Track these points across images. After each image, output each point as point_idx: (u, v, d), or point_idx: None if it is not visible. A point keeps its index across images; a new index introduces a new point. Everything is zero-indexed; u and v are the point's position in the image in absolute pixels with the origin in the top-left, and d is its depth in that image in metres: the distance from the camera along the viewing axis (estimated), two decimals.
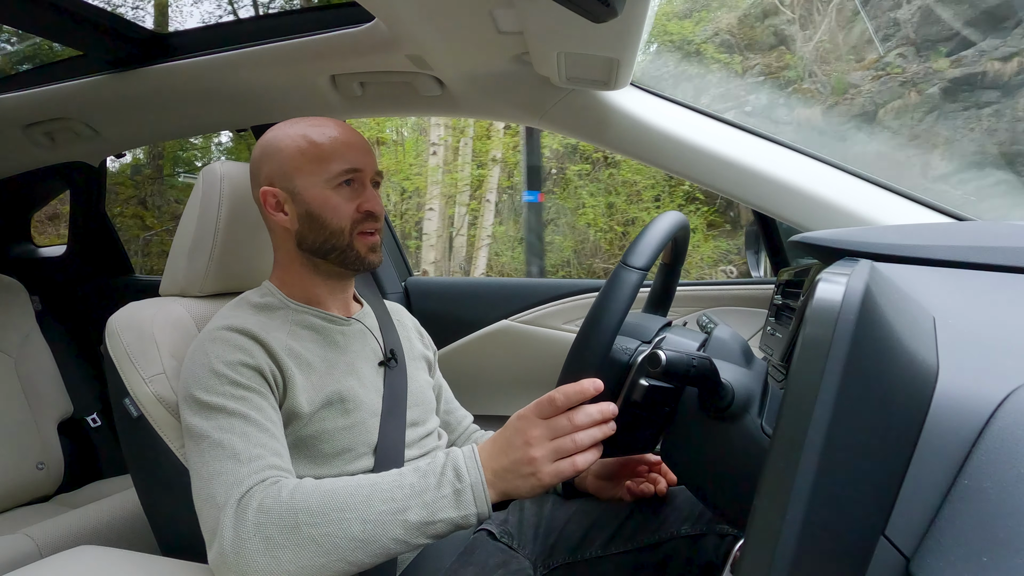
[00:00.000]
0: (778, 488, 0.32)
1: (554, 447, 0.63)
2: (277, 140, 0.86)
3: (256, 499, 0.65)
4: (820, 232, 0.69)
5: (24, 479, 1.48)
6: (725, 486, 0.62)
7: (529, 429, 0.64)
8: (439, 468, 0.66)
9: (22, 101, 1.39)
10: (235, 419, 0.71)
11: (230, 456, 0.68)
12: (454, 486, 0.65)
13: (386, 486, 0.65)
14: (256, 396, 0.74)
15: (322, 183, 0.83)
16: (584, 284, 1.46)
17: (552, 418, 0.64)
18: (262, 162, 0.86)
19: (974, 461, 0.34)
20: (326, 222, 0.83)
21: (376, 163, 0.88)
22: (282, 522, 0.63)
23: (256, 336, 0.77)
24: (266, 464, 0.69)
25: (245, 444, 0.69)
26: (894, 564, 0.34)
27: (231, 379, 0.73)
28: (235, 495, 0.66)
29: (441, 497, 0.64)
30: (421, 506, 0.64)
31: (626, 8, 0.72)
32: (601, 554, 0.88)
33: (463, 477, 0.65)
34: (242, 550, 0.62)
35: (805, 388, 0.33)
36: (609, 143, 1.15)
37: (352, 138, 0.86)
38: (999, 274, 0.55)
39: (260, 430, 0.72)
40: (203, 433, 0.71)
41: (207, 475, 0.69)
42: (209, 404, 0.72)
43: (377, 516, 0.64)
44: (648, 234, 0.67)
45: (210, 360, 0.75)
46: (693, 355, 0.55)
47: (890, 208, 1.00)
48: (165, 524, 0.85)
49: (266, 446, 0.71)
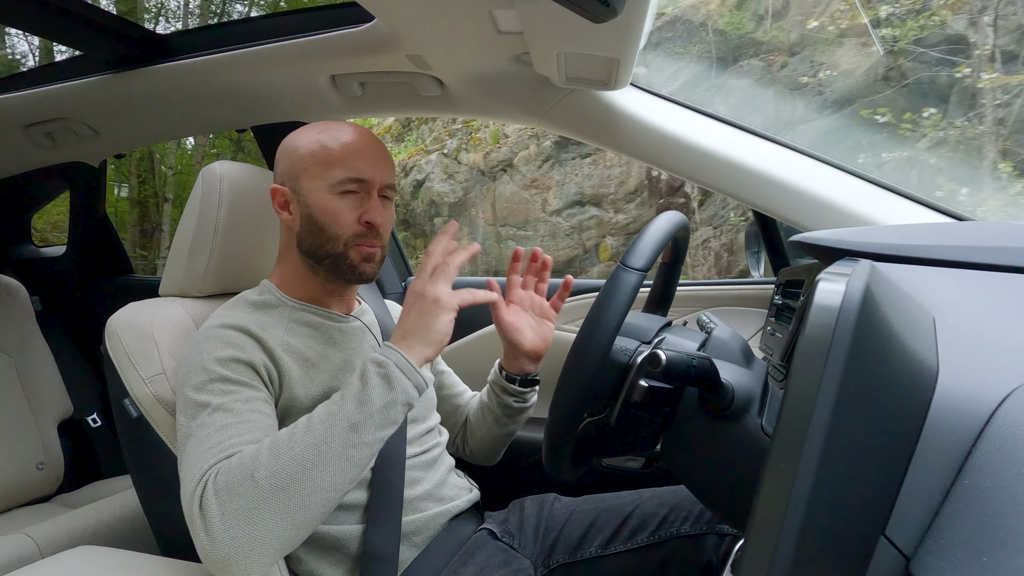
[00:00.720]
0: (778, 488, 0.32)
1: (436, 275, 0.73)
2: (296, 140, 0.86)
3: (211, 479, 0.63)
4: (820, 232, 0.69)
5: (24, 479, 1.48)
6: (725, 486, 0.62)
7: (413, 286, 0.74)
8: (359, 371, 0.70)
9: (22, 101, 1.39)
10: (218, 413, 0.70)
11: (214, 446, 0.67)
12: (379, 373, 0.68)
13: (321, 412, 0.67)
14: (245, 389, 0.73)
15: (325, 188, 0.82)
16: (584, 284, 1.46)
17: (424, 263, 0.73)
18: (280, 159, 0.87)
19: (974, 461, 0.34)
20: (324, 228, 0.82)
21: (388, 175, 0.85)
22: (241, 489, 0.61)
23: (251, 332, 0.77)
24: (230, 444, 0.67)
25: (220, 435, 0.68)
26: (894, 564, 0.34)
27: (220, 375, 0.73)
28: (193, 482, 0.64)
29: (371, 388, 0.67)
30: (358, 405, 0.66)
31: (626, 8, 0.72)
32: (601, 554, 0.88)
33: (383, 363, 0.69)
34: (214, 535, 0.60)
35: (805, 388, 0.33)
36: (609, 143, 1.15)
37: (365, 147, 0.83)
38: (999, 274, 0.55)
39: (242, 421, 0.70)
40: (189, 432, 0.70)
41: (182, 472, 0.67)
42: (197, 401, 0.71)
43: (323, 435, 0.64)
44: (647, 235, 0.67)
45: (202, 358, 0.74)
46: (693, 355, 0.55)
47: (890, 208, 0.99)
48: (165, 524, 0.85)
49: (242, 434, 0.68)
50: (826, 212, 1.00)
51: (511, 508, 0.98)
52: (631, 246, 0.66)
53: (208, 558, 0.61)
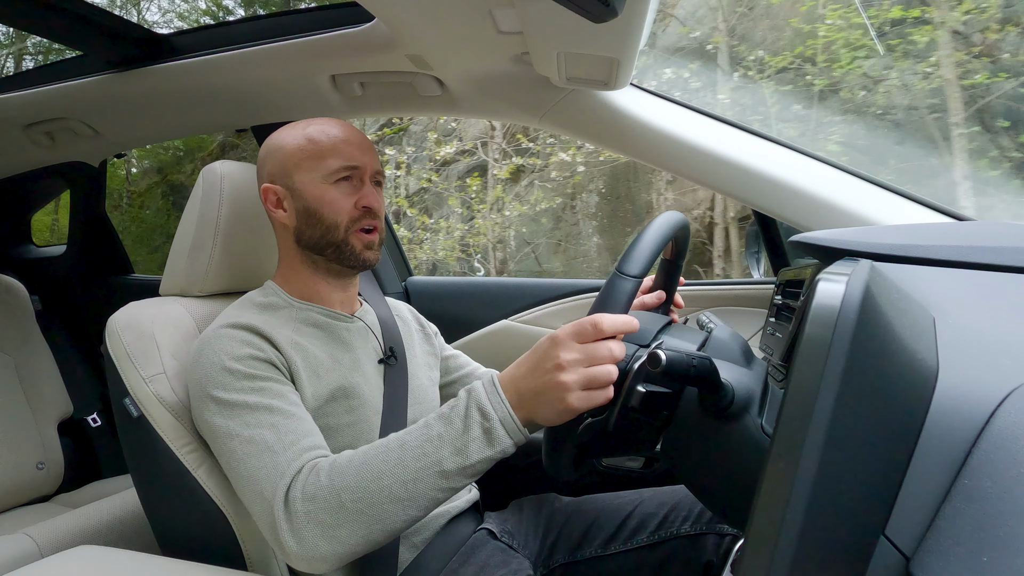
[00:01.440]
0: (778, 488, 0.32)
1: (588, 375, 0.59)
2: (280, 139, 0.87)
3: (299, 489, 0.66)
4: (820, 232, 0.69)
5: (24, 479, 1.48)
6: (725, 486, 0.62)
7: (563, 353, 0.60)
8: (463, 411, 0.65)
9: (22, 101, 1.39)
10: (259, 412, 0.72)
11: (264, 450, 0.70)
12: (482, 426, 0.64)
13: (415, 443, 0.65)
14: (274, 384, 0.75)
15: (320, 179, 0.84)
16: (584, 284, 1.46)
17: (590, 343, 0.60)
18: (266, 160, 0.88)
19: (974, 461, 0.34)
20: (323, 217, 0.84)
21: (377, 162, 0.88)
22: (328, 505, 0.64)
23: (261, 332, 0.78)
24: (301, 448, 0.70)
25: (275, 435, 0.70)
26: (894, 564, 0.34)
27: (245, 373, 0.74)
28: (280, 489, 0.67)
29: (471, 440, 0.63)
30: (454, 453, 0.63)
31: (626, 8, 0.72)
32: (601, 553, 0.88)
33: (489, 415, 0.64)
34: (303, 540, 0.64)
35: (805, 388, 0.33)
36: (609, 143, 1.15)
37: (352, 136, 0.86)
38: (999, 274, 0.55)
39: (286, 417, 0.72)
40: (231, 432, 0.72)
41: (247, 473, 0.70)
42: (230, 402, 0.73)
43: (414, 475, 0.63)
44: (643, 240, 0.67)
45: (220, 358, 0.75)
46: (693, 355, 0.55)
47: (890, 208, 0.99)
48: (165, 524, 0.85)
49: (296, 431, 0.72)
50: (826, 212, 1.00)
51: (511, 508, 0.98)
52: (626, 251, 0.66)
53: (290, 556, 0.66)
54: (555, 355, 0.61)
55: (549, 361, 0.61)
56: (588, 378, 0.59)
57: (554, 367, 0.60)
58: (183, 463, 0.79)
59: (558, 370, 0.60)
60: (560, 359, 0.60)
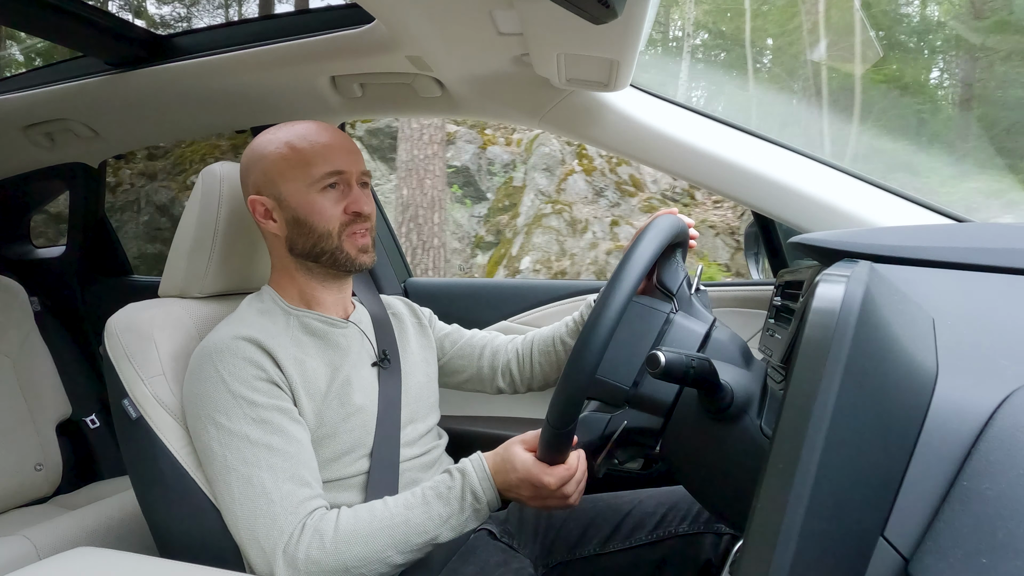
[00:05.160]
0: (778, 488, 0.32)
1: (554, 505, 0.74)
2: (261, 148, 0.86)
3: (303, 550, 0.69)
4: (819, 233, 0.69)
5: (22, 480, 1.48)
6: (724, 487, 0.62)
7: (526, 493, 0.74)
8: (459, 493, 0.75)
9: (22, 101, 1.39)
10: (259, 450, 0.73)
11: (261, 495, 0.71)
12: (474, 507, 0.75)
13: (418, 520, 0.73)
14: (276, 414, 0.75)
15: (306, 188, 0.83)
16: (584, 285, 1.46)
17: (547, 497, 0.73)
18: (249, 171, 0.87)
19: (973, 462, 0.34)
20: (313, 226, 0.83)
21: (361, 163, 0.87)
22: (333, 569, 0.70)
23: (264, 346, 0.78)
24: (298, 500, 0.72)
25: (273, 479, 0.72)
26: (893, 565, 0.34)
27: (249, 399, 0.75)
28: (280, 545, 0.70)
29: (466, 519, 0.75)
30: (450, 529, 0.74)
31: (626, 9, 0.72)
32: (599, 552, 0.88)
33: (480, 498, 0.75)
34: None
35: (805, 389, 0.33)
36: (609, 144, 1.15)
37: (334, 140, 0.85)
38: (999, 275, 0.55)
39: (284, 458, 0.74)
40: (228, 465, 0.73)
41: (243, 515, 0.72)
42: (231, 431, 0.73)
43: (415, 547, 0.73)
44: (637, 251, 0.65)
45: (224, 379, 0.75)
46: (692, 356, 0.55)
47: (890, 209, 1.00)
48: (163, 525, 0.85)
49: (294, 477, 0.73)
50: (825, 213, 1.01)
51: (510, 508, 0.98)
52: (620, 262, 0.64)
53: None
54: (521, 493, 0.74)
55: (515, 492, 0.75)
56: (547, 504, 0.74)
57: (520, 498, 0.75)
58: (182, 465, 0.79)
59: (527, 500, 0.75)
60: (525, 497, 0.74)
